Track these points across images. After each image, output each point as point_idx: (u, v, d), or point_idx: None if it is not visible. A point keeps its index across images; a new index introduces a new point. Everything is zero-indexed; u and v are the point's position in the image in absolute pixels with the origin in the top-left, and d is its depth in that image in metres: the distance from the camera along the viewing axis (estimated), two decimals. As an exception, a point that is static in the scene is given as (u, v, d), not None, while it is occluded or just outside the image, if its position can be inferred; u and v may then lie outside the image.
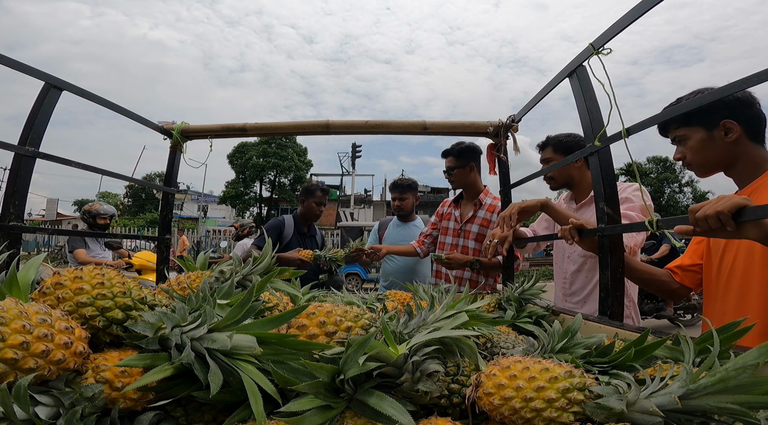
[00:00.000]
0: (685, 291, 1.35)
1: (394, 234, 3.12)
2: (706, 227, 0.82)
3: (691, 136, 1.19)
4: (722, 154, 1.16)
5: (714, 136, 1.15)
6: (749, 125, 1.13)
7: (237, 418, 0.57)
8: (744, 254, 1.12)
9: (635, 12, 0.98)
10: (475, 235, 2.41)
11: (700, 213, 0.83)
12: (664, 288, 1.36)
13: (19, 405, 0.49)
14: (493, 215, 2.40)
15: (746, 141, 1.14)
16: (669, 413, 0.51)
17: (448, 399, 0.65)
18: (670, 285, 1.35)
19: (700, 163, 1.20)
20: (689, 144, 1.20)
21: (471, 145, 2.46)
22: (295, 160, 29.43)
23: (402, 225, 3.12)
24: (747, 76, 0.75)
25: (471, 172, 2.45)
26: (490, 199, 2.45)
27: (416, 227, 3.10)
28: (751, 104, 1.12)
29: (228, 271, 1.01)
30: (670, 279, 1.35)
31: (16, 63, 1.21)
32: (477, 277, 2.37)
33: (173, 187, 2.01)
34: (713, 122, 1.14)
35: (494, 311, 1.19)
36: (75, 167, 1.47)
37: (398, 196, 3.04)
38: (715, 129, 1.14)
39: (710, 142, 1.16)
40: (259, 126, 1.90)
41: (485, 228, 2.40)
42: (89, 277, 0.69)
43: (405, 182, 3.08)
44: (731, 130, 1.12)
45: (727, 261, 1.17)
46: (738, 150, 1.15)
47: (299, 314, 0.71)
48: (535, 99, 1.56)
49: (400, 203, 3.04)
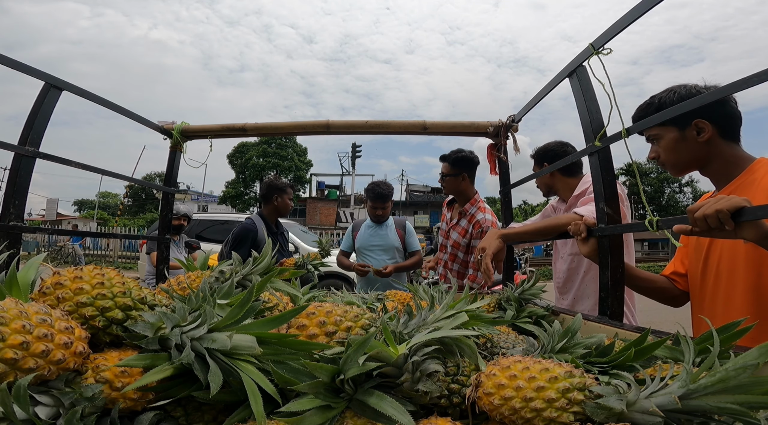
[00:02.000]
0: (687, 298, 1.32)
1: (367, 235, 3.15)
2: (704, 227, 0.82)
3: (664, 136, 1.18)
4: (695, 153, 1.16)
5: (686, 136, 1.14)
6: (722, 124, 1.12)
7: (237, 418, 0.57)
8: (728, 257, 1.11)
9: (635, 12, 0.98)
10: (453, 241, 2.63)
11: (699, 213, 0.82)
12: (666, 295, 1.33)
13: (19, 405, 0.49)
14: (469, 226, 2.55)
15: (719, 140, 1.13)
16: (669, 413, 0.51)
17: (448, 399, 0.65)
18: (671, 292, 1.32)
19: (673, 162, 1.20)
20: (662, 143, 1.20)
21: (468, 156, 2.58)
22: (295, 160, 29.45)
23: (375, 227, 3.15)
24: (747, 76, 0.75)
25: (462, 181, 2.58)
26: (474, 209, 2.56)
27: (388, 227, 3.15)
28: (724, 102, 1.11)
29: (228, 271, 1.01)
30: (672, 286, 1.33)
31: (16, 63, 1.21)
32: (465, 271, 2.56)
33: (173, 187, 2.01)
34: (685, 122, 1.13)
35: (494, 311, 1.19)
36: (75, 167, 1.47)
37: (381, 206, 3.07)
38: (687, 128, 1.14)
39: (682, 141, 1.15)
40: (259, 126, 1.90)
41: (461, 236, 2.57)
42: (89, 277, 0.69)
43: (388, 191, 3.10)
44: (703, 129, 1.12)
45: (711, 264, 1.16)
46: (711, 149, 1.14)
47: (299, 314, 0.71)
48: (535, 99, 1.56)
49: (383, 212, 3.08)
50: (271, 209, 2.95)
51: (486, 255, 1.48)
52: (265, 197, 2.97)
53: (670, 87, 1.17)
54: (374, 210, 3.06)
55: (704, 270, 1.19)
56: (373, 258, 3.08)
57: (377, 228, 3.13)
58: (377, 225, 3.14)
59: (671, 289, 1.32)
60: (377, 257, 3.08)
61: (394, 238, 3.11)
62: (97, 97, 1.51)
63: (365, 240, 3.13)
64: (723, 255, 1.13)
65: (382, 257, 3.08)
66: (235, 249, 2.62)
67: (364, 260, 3.09)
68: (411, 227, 3.26)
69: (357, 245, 3.17)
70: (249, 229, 2.77)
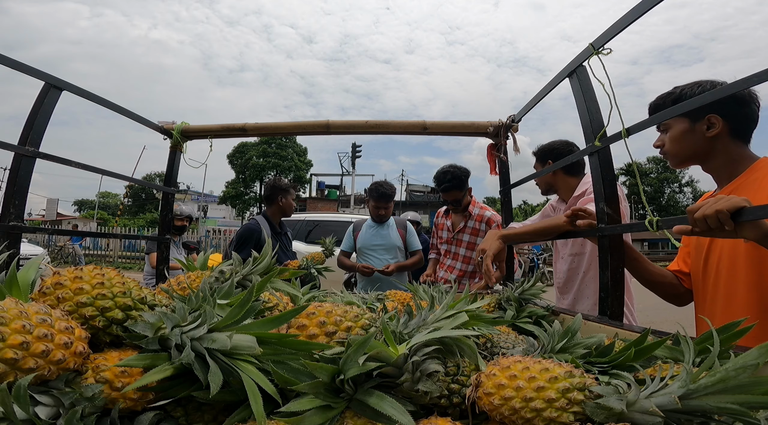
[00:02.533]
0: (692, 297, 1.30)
1: (369, 235, 3.16)
2: (704, 227, 0.82)
3: (674, 126, 1.18)
4: (699, 147, 1.16)
5: (695, 129, 1.14)
6: (735, 123, 1.12)
7: (237, 418, 0.57)
8: (728, 256, 1.11)
9: (635, 12, 0.98)
10: (466, 244, 2.78)
11: (698, 214, 0.82)
12: (673, 292, 1.32)
13: (19, 405, 0.49)
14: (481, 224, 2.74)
15: (727, 138, 1.13)
16: (669, 413, 0.51)
17: (448, 399, 0.65)
18: (677, 289, 1.31)
19: (674, 153, 1.20)
20: (670, 133, 1.20)
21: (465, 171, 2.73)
22: (295, 160, 29.46)
23: (376, 226, 3.15)
24: (747, 76, 0.75)
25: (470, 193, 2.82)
26: (477, 208, 2.75)
27: (389, 227, 3.16)
28: (746, 103, 1.11)
29: (228, 271, 1.01)
30: (679, 283, 1.31)
31: (17, 63, 1.21)
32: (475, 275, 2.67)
33: (173, 187, 2.01)
34: (699, 115, 1.13)
35: (494, 311, 1.19)
36: (75, 167, 1.47)
37: (384, 206, 3.08)
38: (699, 122, 1.13)
39: (690, 133, 1.15)
40: (259, 126, 1.90)
41: (474, 236, 2.75)
42: (89, 277, 0.69)
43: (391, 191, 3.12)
44: (714, 125, 1.12)
45: (712, 264, 1.16)
46: (716, 145, 1.14)
47: (299, 314, 0.71)
48: (535, 99, 1.56)
49: (385, 212, 3.10)
50: (276, 210, 2.93)
51: (486, 256, 1.48)
52: (269, 198, 2.94)
53: (698, 81, 1.15)
54: (377, 210, 3.07)
55: (705, 270, 1.19)
56: (375, 258, 3.08)
57: (379, 228, 3.14)
58: (379, 225, 3.14)
59: (678, 286, 1.31)
60: (380, 257, 3.08)
61: (395, 238, 3.12)
62: (97, 97, 1.51)
63: (367, 240, 3.14)
64: (723, 255, 1.13)
65: (384, 257, 3.08)
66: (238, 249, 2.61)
67: (366, 260, 3.10)
68: (412, 227, 3.27)
69: (358, 245, 3.17)
70: (253, 230, 2.75)
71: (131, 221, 28.36)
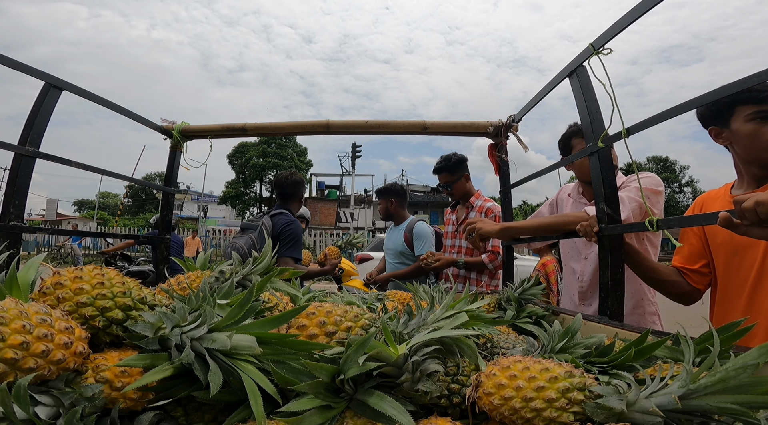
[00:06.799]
0: (698, 294, 1.26)
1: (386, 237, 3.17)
2: (755, 218, 0.75)
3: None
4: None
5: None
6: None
7: (237, 418, 0.57)
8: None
9: (635, 12, 0.98)
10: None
11: (748, 204, 0.74)
12: (677, 290, 1.27)
13: (19, 405, 0.49)
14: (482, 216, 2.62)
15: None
16: (669, 413, 0.51)
17: (448, 399, 0.65)
18: (683, 286, 1.26)
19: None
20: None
21: (460, 157, 2.66)
22: (295, 160, 29.44)
23: (392, 229, 3.11)
24: (747, 76, 0.75)
25: (467, 181, 2.69)
26: (480, 201, 2.66)
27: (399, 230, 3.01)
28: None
29: (228, 271, 1.01)
30: (683, 281, 1.26)
31: (17, 63, 1.21)
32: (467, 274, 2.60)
33: (173, 187, 2.01)
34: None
35: (494, 311, 1.19)
36: (75, 167, 1.47)
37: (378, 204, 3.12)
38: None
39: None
40: (259, 126, 1.90)
41: None
42: (89, 277, 0.69)
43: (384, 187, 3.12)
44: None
45: (749, 259, 1.10)
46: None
47: (299, 314, 0.71)
48: (535, 99, 1.56)
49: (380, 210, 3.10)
50: (297, 205, 2.75)
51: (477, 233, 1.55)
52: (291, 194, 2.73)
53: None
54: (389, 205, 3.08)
55: (740, 264, 1.13)
56: (388, 262, 3.04)
57: (392, 231, 3.08)
58: (394, 228, 3.09)
59: (682, 284, 1.26)
60: (390, 261, 3.01)
61: (400, 242, 2.93)
62: (97, 97, 1.51)
63: (384, 243, 3.18)
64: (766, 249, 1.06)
65: (392, 261, 2.97)
66: (295, 249, 2.45)
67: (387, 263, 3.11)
68: (419, 230, 2.88)
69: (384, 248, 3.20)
70: (300, 227, 2.61)
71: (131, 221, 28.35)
